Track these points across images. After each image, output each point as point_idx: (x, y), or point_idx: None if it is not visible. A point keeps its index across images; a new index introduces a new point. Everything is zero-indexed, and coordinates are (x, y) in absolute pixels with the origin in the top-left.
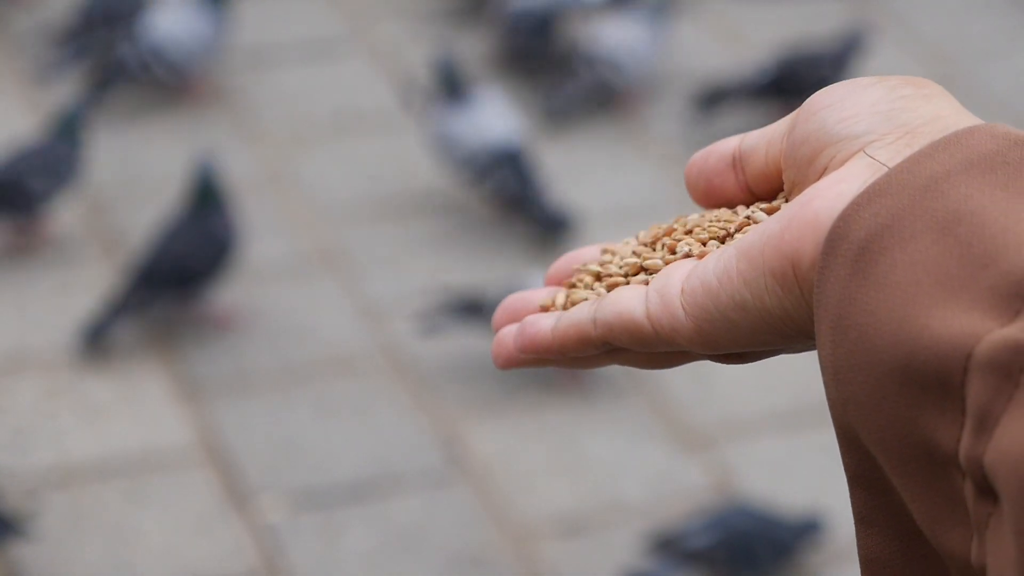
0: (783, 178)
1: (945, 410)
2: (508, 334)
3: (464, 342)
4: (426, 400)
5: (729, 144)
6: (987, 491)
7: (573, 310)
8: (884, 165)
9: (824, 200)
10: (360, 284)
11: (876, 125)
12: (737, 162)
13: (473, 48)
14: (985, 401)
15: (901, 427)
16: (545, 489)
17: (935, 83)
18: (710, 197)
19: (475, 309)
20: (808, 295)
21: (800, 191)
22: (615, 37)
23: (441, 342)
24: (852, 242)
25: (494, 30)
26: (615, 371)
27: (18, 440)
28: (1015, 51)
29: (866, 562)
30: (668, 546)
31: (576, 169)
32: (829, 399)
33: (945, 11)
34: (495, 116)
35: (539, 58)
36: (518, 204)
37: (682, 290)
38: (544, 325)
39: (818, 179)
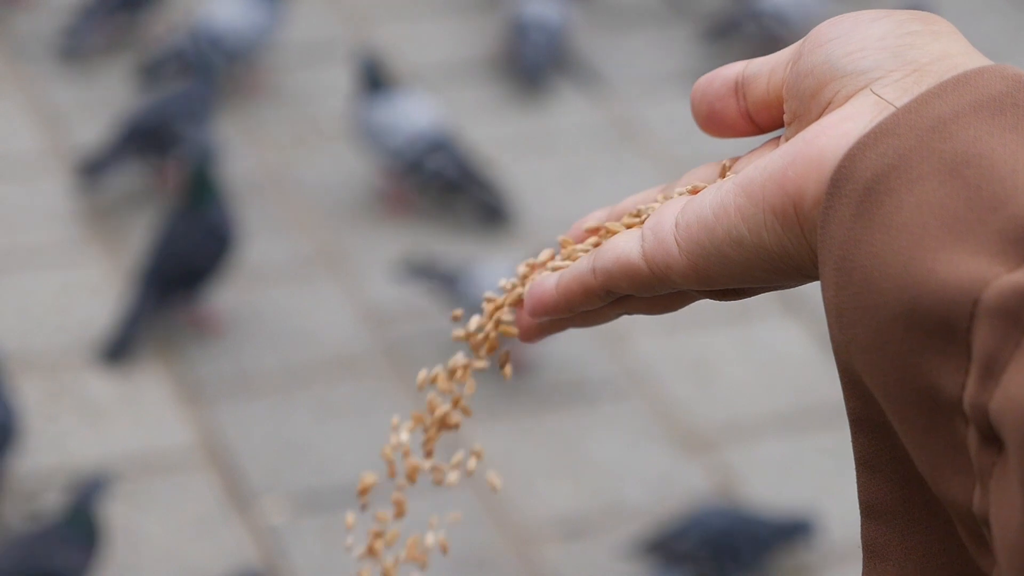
0: (784, 108)
1: (950, 356)
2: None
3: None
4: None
5: (733, 69)
6: (992, 439)
7: (573, 263)
8: (891, 104)
9: (829, 138)
10: (361, 286)
11: (883, 61)
12: (739, 88)
13: (476, 46)
14: (992, 347)
15: (904, 372)
16: (547, 492)
17: (944, 19)
18: (711, 122)
19: (428, 272)
20: (809, 233)
21: (801, 124)
22: None
23: (443, 345)
24: (858, 182)
25: (503, 32)
26: (616, 374)
27: (21, 443)
28: (1016, 52)
29: (867, 507)
30: (656, 551)
31: (576, 174)
32: (833, 341)
33: (946, 12)
34: (420, 107)
35: (543, 68)
36: (457, 187)
37: (676, 224)
38: (548, 283)
39: (821, 114)
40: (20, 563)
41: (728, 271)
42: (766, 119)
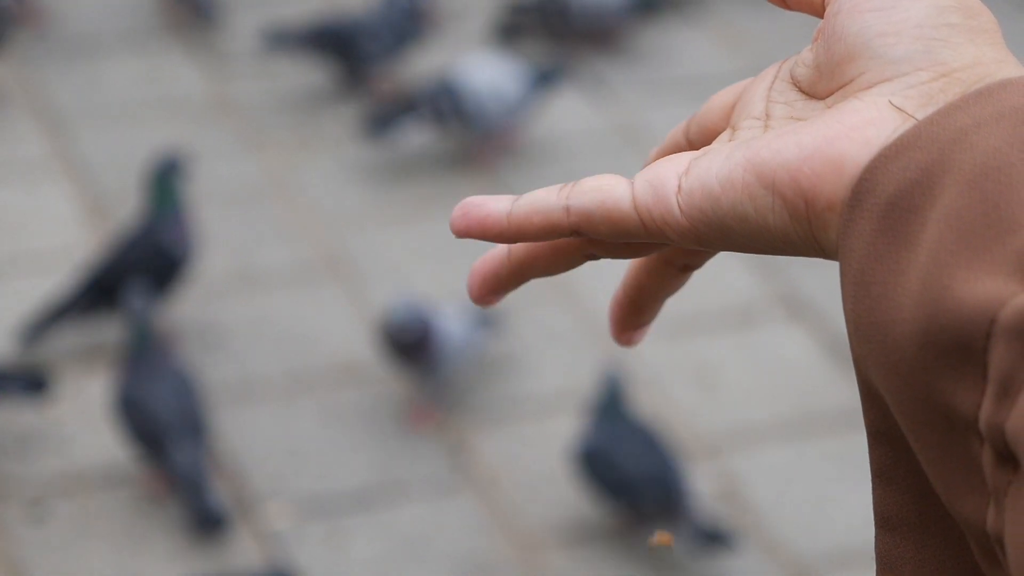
0: (814, 46)
1: (965, 375)
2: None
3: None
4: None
5: None
6: (1008, 458)
7: (535, 194)
8: (912, 117)
9: (851, 143)
10: (365, 292)
11: (914, 55)
12: None
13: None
14: (1008, 367)
15: (918, 390)
16: (551, 497)
17: (985, 9)
18: None
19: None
20: (818, 231)
21: (821, 79)
22: None
23: None
24: (880, 196)
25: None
26: None
27: (24, 448)
28: (1019, 55)
29: (882, 519)
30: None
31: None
32: (852, 352)
33: None
34: (491, 68)
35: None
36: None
37: (679, 186)
38: (496, 207)
39: (841, 86)
40: (142, 249)
41: (728, 240)
42: (794, 2)
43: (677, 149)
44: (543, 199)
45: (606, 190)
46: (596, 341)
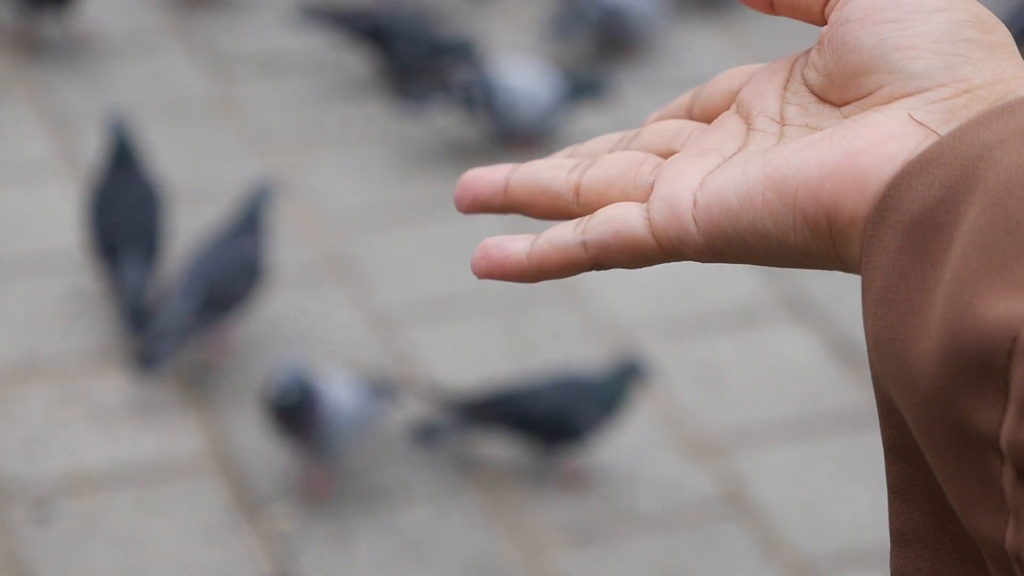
0: (820, 52)
1: (986, 393)
2: (488, 248)
3: (467, 343)
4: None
5: None
6: None
7: (552, 231)
8: (934, 132)
9: (874, 159)
10: (369, 293)
11: (934, 71)
12: None
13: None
14: None
15: (937, 407)
16: (556, 498)
17: (999, 23)
18: None
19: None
20: (840, 247)
21: (833, 88)
22: None
23: (451, 348)
24: (904, 213)
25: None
26: None
27: (30, 448)
28: None
29: (898, 535)
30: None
31: None
32: (871, 368)
33: None
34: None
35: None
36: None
37: (694, 202)
38: (515, 248)
39: (859, 98)
40: (229, 260)
41: (745, 255)
42: (783, 8)
43: (680, 118)
44: (560, 236)
45: (619, 219)
46: (600, 341)
